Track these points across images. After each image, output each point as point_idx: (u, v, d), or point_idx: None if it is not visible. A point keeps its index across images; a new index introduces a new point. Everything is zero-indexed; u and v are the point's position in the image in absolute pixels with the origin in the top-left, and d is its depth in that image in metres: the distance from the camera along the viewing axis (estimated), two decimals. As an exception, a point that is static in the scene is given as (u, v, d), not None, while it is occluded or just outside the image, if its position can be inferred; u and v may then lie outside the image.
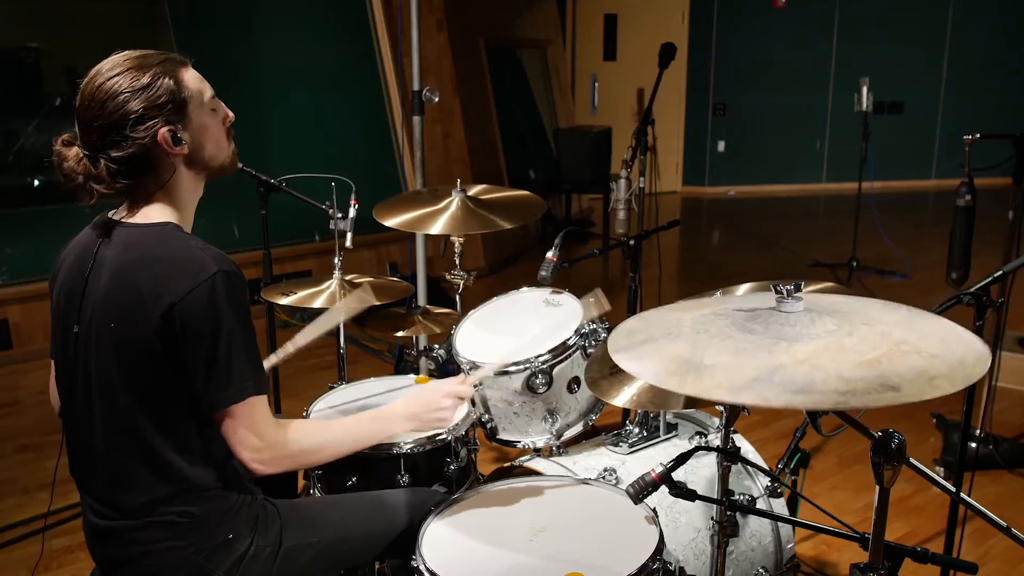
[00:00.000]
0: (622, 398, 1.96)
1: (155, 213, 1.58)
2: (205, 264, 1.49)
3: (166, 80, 1.52)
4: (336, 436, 1.70)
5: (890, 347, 1.21)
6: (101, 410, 1.55)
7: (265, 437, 1.54)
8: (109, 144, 1.50)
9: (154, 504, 1.56)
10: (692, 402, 2.15)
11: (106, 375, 1.54)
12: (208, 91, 1.61)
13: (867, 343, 1.23)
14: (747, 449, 2.16)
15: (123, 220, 1.58)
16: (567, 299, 2.38)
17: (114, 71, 1.51)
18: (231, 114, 1.67)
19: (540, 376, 2.15)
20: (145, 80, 1.50)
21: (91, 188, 1.52)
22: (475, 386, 1.97)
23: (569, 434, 2.26)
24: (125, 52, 1.56)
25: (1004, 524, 1.37)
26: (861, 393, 1.12)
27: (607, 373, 2.02)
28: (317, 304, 2.51)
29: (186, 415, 1.55)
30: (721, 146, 9.46)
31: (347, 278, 2.62)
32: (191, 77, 1.58)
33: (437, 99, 3.52)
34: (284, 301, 2.55)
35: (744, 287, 2.05)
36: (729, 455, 1.71)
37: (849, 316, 1.32)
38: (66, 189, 1.54)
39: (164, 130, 1.52)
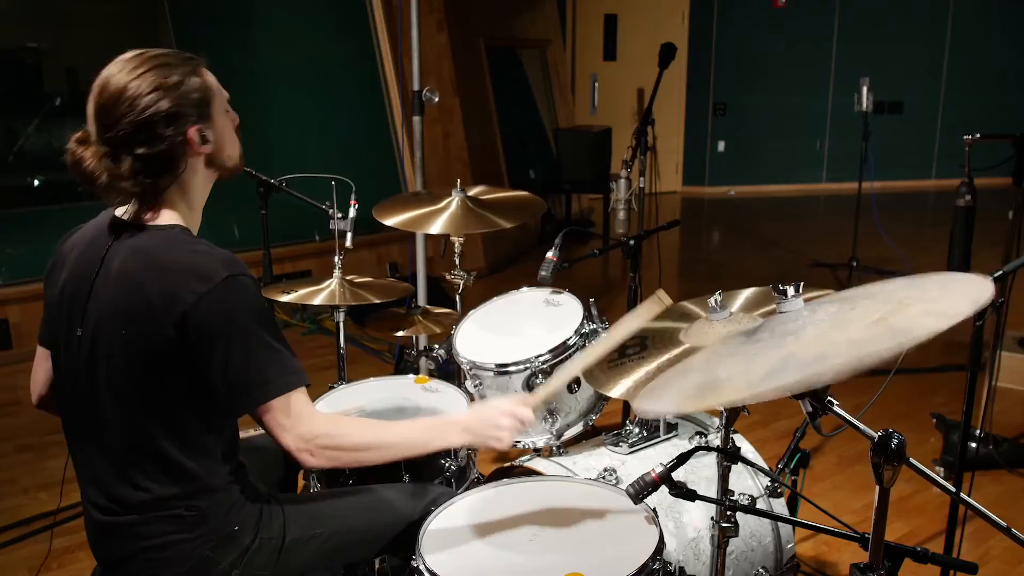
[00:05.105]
0: (619, 389, 1.94)
1: (164, 215, 1.57)
2: (214, 269, 1.49)
3: (195, 79, 1.53)
4: (389, 437, 1.65)
5: (894, 305, 1.22)
6: (111, 414, 1.55)
7: (312, 429, 1.53)
8: (137, 142, 1.48)
9: (162, 501, 1.56)
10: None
11: (117, 381, 1.53)
12: (224, 92, 1.62)
13: (871, 309, 1.24)
14: (747, 449, 2.16)
15: (131, 221, 1.56)
16: (567, 299, 2.38)
17: (140, 69, 1.48)
18: (237, 117, 1.67)
19: (540, 376, 2.15)
20: (176, 78, 1.50)
21: (118, 187, 1.49)
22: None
23: (569, 434, 2.26)
24: (139, 51, 1.53)
25: (1004, 524, 1.36)
26: (874, 345, 1.12)
27: (605, 367, 2.01)
28: (317, 301, 2.51)
29: (196, 418, 1.56)
30: (721, 146, 9.45)
31: (347, 277, 2.62)
32: (211, 78, 1.59)
33: (437, 99, 3.52)
34: (285, 298, 2.55)
35: (742, 294, 2.04)
36: (729, 455, 1.71)
37: (849, 299, 1.33)
38: (86, 190, 1.50)
39: (193, 129, 1.53)
